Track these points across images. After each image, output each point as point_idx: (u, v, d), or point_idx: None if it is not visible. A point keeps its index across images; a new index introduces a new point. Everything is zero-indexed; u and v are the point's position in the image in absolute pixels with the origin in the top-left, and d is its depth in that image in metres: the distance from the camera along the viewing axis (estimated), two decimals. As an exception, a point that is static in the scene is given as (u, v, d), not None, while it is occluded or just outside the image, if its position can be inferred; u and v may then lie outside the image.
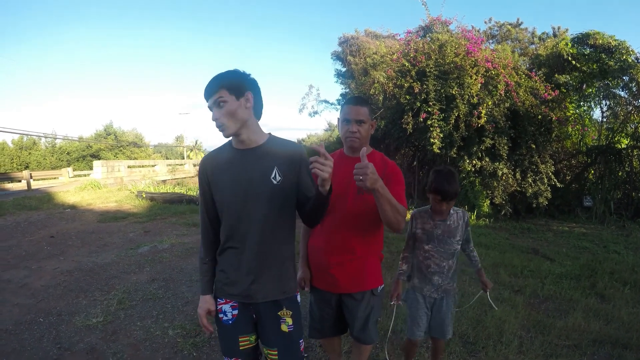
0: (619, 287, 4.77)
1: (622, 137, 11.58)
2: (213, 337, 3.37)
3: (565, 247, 7.13)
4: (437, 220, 2.42)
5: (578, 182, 11.76)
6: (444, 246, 2.42)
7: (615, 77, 10.38)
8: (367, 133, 2.12)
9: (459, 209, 2.49)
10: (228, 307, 1.80)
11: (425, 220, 2.46)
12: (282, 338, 1.75)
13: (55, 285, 4.78)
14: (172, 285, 4.72)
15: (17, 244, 7.01)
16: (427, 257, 2.46)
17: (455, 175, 2.36)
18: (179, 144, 52.85)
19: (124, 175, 20.13)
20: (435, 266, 2.44)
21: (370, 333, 2.20)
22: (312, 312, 2.30)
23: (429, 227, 2.44)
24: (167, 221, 9.24)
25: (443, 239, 2.42)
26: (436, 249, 2.43)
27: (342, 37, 14.50)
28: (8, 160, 44.33)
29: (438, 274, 2.44)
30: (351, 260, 2.10)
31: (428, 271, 2.45)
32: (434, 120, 9.14)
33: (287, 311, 1.76)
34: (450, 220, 2.42)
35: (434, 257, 2.44)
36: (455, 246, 2.43)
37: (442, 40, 10.08)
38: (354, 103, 2.12)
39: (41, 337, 3.46)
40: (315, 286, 2.24)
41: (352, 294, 2.15)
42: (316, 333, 2.33)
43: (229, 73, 1.69)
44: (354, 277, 2.12)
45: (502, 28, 14.38)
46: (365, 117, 2.09)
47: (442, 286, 2.46)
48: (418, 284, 2.52)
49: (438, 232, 2.42)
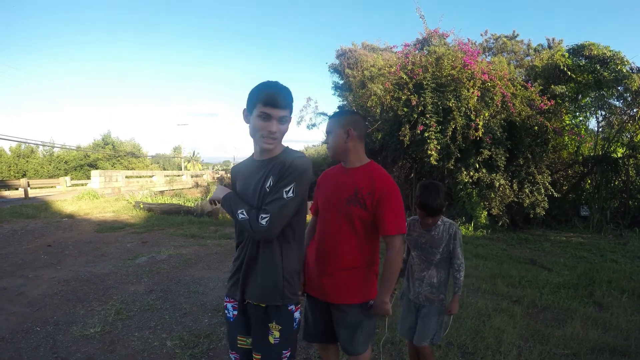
0: (616, 295, 4.79)
1: (617, 146, 11.70)
2: (211, 348, 3.37)
3: (562, 256, 7.15)
4: (423, 230, 2.52)
5: (575, 192, 11.82)
6: (426, 255, 2.52)
7: (610, 88, 10.51)
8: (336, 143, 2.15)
9: (448, 221, 2.52)
10: (230, 307, 1.90)
11: (414, 228, 2.57)
12: (267, 348, 1.78)
13: (52, 295, 4.75)
14: (170, 297, 4.70)
15: (13, 252, 6.97)
16: (413, 263, 2.61)
17: (441, 190, 2.42)
18: (177, 154, 52.96)
19: (121, 185, 20.12)
20: (417, 273, 2.57)
21: (357, 344, 2.16)
22: (306, 316, 2.33)
23: (415, 235, 2.55)
24: (165, 232, 9.21)
25: (425, 248, 2.51)
26: (419, 257, 2.55)
27: (339, 50, 14.60)
28: (5, 168, 44.23)
29: (418, 282, 2.56)
30: (338, 271, 2.09)
31: (413, 277, 2.60)
32: (431, 133, 9.20)
33: (276, 325, 1.77)
34: (435, 231, 2.48)
35: (417, 264, 2.58)
36: (437, 256, 2.49)
37: (439, 53, 10.18)
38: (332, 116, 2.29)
39: (38, 346, 3.44)
40: (307, 292, 2.26)
41: (339, 305, 2.13)
42: (309, 336, 2.36)
43: (290, 92, 1.72)
44: (340, 288, 2.10)
45: (498, 40, 14.52)
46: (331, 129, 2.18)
47: (422, 294, 2.54)
48: (406, 287, 2.68)
49: (422, 241, 2.52)
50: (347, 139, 2.11)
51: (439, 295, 2.53)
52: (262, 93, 1.66)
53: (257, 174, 1.76)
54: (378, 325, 3.49)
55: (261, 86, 1.69)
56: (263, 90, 1.67)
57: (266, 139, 1.69)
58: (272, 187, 1.70)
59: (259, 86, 1.70)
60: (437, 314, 2.55)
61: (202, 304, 4.44)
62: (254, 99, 1.69)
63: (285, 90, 1.69)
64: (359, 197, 2.04)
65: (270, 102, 1.64)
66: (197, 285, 5.09)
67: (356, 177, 2.10)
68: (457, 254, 2.50)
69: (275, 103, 1.64)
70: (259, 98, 1.66)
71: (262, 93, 1.66)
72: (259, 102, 1.66)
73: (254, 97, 1.69)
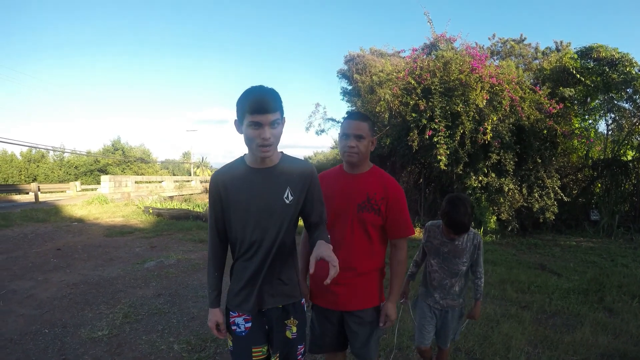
0: (627, 300, 4.72)
1: (627, 149, 11.56)
2: (218, 352, 3.37)
3: (572, 261, 7.06)
4: (446, 239, 2.41)
5: (584, 196, 11.69)
6: (448, 265, 2.43)
7: (619, 90, 10.41)
8: (367, 149, 2.08)
9: (472, 231, 2.43)
10: (241, 320, 1.82)
11: (435, 235, 2.46)
12: (284, 344, 1.84)
13: (61, 297, 4.80)
14: (178, 301, 4.72)
15: (23, 255, 7.06)
16: (432, 271, 2.50)
17: (468, 204, 2.30)
18: (186, 160, 53.30)
19: (131, 190, 20.27)
20: (437, 282, 2.48)
21: (371, 350, 2.17)
22: (313, 328, 2.28)
23: (437, 243, 2.45)
24: (174, 237, 9.26)
25: (448, 258, 2.42)
26: (440, 266, 2.45)
27: (347, 56, 14.63)
28: (16, 172, 44.79)
29: (439, 290, 2.48)
30: (353, 277, 2.08)
31: (431, 284, 2.51)
32: (440, 137, 9.16)
33: (294, 320, 1.85)
34: (458, 241, 2.39)
35: (437, 273, 2.47)
36: (461, 267, 2.42)
37: (447, 58, 10.15)
38: (354, 118, 2.09)
39: (46, 348, 3.47)
40: (316, 303, 2.23)
41: (354, 311, 2.12)
42: (316, 348, 2.30)
43: (277, 93, 1.67)
44: (355, 294, 2.10)
45: (505, 44, 14.46)
46: (365, 133, 2.04)
47: (442, 302, 2.50)
48: (424, 293, 2.59)
49: (444, 250, 2.42)
50: (372, 145, 2.12)
51: (459, 300, 2.52)
52: (248, 101, 1.61)
53: (267, 185, 1.74)
54: (385, 331, 3.48)
55: (246, 94, 1.64)
56: (248, 99, 1.62)
57: (262, 148, 1.64)
58: (310, 199, 1.81)
59: (244, 94, 1.64)
60: (459, 316, 2.57)
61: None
62: (242, 109, 1.63)
63: (271, 93, 1.63)
64: (373, 203, 2.04)
65: (258, 109, 1.59)
66: (205, 289, 5.11)
67: (367, 182, 2.09)
68: (480, 262, 2.48)
69: (262, 109, 1.59)
70: (245, 107, 1.61)
71: (247, 101, 1.61)
72: (246, 112, 1.61)
73: (241, 107, 1.64)
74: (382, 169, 2.21)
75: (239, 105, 1.65)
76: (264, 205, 1.73)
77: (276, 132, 1.65)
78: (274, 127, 1.63)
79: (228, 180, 1.78)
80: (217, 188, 1.79)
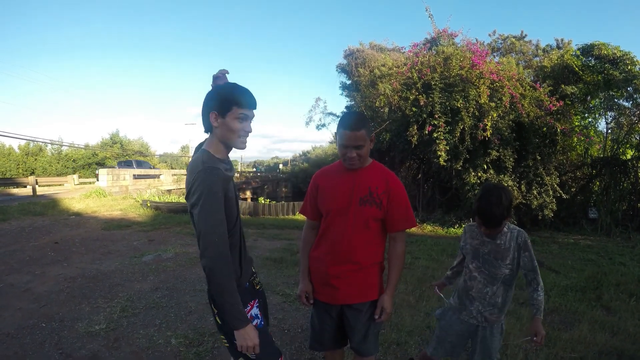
0: (624, 298, 4.73)
1: (626, 148, 11.57)
2: (216, 346, 3.36)
3: (570, 259, 7.07)
4: (485, 237, 2.17)
5: (583, 194, 11.72)
6: (489, 268, 2.16)
7: (620, 88, 10.40)
8: (367, 152, 2.08)
9: (516, 229, 2.16)
10: (256, 310, 1.86)
11: (474, 235, 2.24)
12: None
13: (58, 291, 4.78)
14: (175, 295, 4.71)
15: (21, 249, 7.03)
16: (470, 277, 2.23)
17: (505, 196, 2.01)
18: (185, 154, 53.16)
19: (129, 184, 20.24)
20: (476, 291, 2.19)
21: (370, 345, 2.17)
22: (313, 324, 2.28)
23: (476, 244, 2.22)
24: (172, 230, 9.24)
25: (489, 259, 2.16)
26: (480, 270, 2.19)
27: (347, 50, 14.60)
28: (14, 166, 44.58)
29: (479, 300, 2.19)
30: (353, 271, 2.09)
31: (469, 294, 2.22)
32: (440, 133, 9.16)
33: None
34: (500, 239, 2.13)
35: (476, 279, 2.20)
36: (504, 270, 2.12)
37: (448, 53, 10.14)
38: (351, 128, 1.99)
39: (43, 342, 3.46)
40: (316, 298, 2.23)
41: (352, 305, 2.13)
42: (317, 345, 2.30)
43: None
44: (355, 287, 2.11)
45: (506, 41, 14.45)
46: (363, 141, 2.00)
47: (482, 314, 2.20)
48: (457, 305, 2.31)
49: (484, 251, 2.17)
50: (371, 143, 2.11)
51: (500, 316, 2.21)
52: (237, 95, 1.72)
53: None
54: (384, 326, 3.47)
55: (234, 89, 1.75)
56: (237, 93, 1.73)
57: (242, 140, 1.77)
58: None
59: (234, 89, 1.75)
60: (499, 334, 2.24)
61: (208, 302, 4.42)
62: (229, 102, 1.71)
63: (252, 92, 1.78)
64: (374, 197, 2.05)
65: (248, 104, 1.73)
66: (203, 283, 5.09)
67: (368, 176, 2.10)
68: (534, 267, 2.13)
69: (251, 105, 1.74)
70: (234, 101, 1.71)
71: (236, 95, 1.72)
72: (235, 105, 1.71)
73: (228, 100, 1.72)
74: (381, 164, 2.21)
75: (225, 98, 1.72)
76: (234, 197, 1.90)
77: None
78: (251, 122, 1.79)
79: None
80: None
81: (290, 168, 46.78)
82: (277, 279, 5.21)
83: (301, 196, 27.48)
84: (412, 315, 3.93)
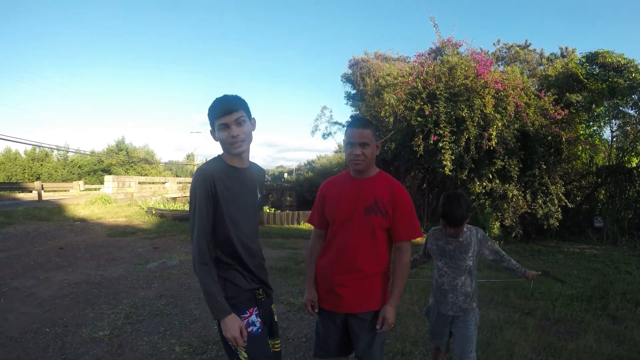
0: (631, 308, 4.68)
1: (632, 156, 11.50)
2: (220, 355, 3.34)
3: (576, 268, 7.02)
4: (449, 238, 2.48)
5: (588, 203, 11.65)
6: (455, 262, 2.46)
7: (624, 96, 10.37)
8: (372, 155, 2.10)
9: (474, 227, 2.53)
10: (255, 317, 1.87)
11: (438, 237, 2.55)
12: (277, 328, 2.06)
13: (62, 297, 4.80)
14: (180, 302, 4.71)
15: (26, 253, 7.07)
16: (441, 274, 2.52)
17: (463, 200, 2.38)
18: (190, 162, 53.35)
19: (134, 191, 20.31)
20: (448, 284, 2.48)
21: (375, 354, 2.15)
22: (318, 331, 2.28)
23: (441, 244, 2.52)
24: (176, 238, 9.25)
25: (455, 254, 2.46)
26: (448, 265, 2.49)
27: (352, 60, 14.66)
28: (20, 171, 44.89)
29: (452, 292, 2.48)
30: (357, 280, 2.09)
31: (442, 289, 2.51)
32: (445, 143, 9.13)
33: (274, 305, 2.10)
34: (462, 237, 2.47)
35: (447, 274, 2.49)
36: (468, 262, 2.45)
37: (452, 63, 10.15)
38: (358, 126, 2.10)
39: (46, 346, 3.47)
40: (321, 306, 2.23)
41: (357, 314, 2.12)
42: (321, 352, 2.28)
43: (239, 96, 1.85)
44: (360, 296, 2.11)
45: (510, 50, 14.49)
46: (369, 139, 2.06)
47: (456, 304, 2.48)
48: (435, 303, 2.60)
49: (450, 248, 2.48)
50: (377, 149, 2.14)
51: (472, 304, 2.50)
52: (212, 109, 1.79)
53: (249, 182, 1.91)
54: (389, 335, 3.46)
55: (211, 104, 1.81)
56: (212, 107, 1.80)
57: (233, 145, 1.78)
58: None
59: (210, 105, 1.81)
60: (474, 323, 2.49)
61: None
62: (212, 117, 1.81)
63: (232, 97, 1.81)
64: (380, 206, 2.06)
65: (221, 112, 1.76)
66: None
67: (374, 186, 2.11)
68: (497, 249, 2.56)
69: (225, 111, 1.76)
70: (212, 115, 1.80)
71: (212, 109, 1.79)
72: (214, 118, 1.79)
73: (211, 116, 1.81)
74: (387, 174, 2.23)
75: (208, 115, 1.83)
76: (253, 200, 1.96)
77: (244, 129, 1.80)
78: (240, 124, 1.78)
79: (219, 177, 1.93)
80: (213, 184, 1.91)
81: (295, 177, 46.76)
82: (281, 288, 5.19)
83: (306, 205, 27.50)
84: (416, 325, 3.90)
